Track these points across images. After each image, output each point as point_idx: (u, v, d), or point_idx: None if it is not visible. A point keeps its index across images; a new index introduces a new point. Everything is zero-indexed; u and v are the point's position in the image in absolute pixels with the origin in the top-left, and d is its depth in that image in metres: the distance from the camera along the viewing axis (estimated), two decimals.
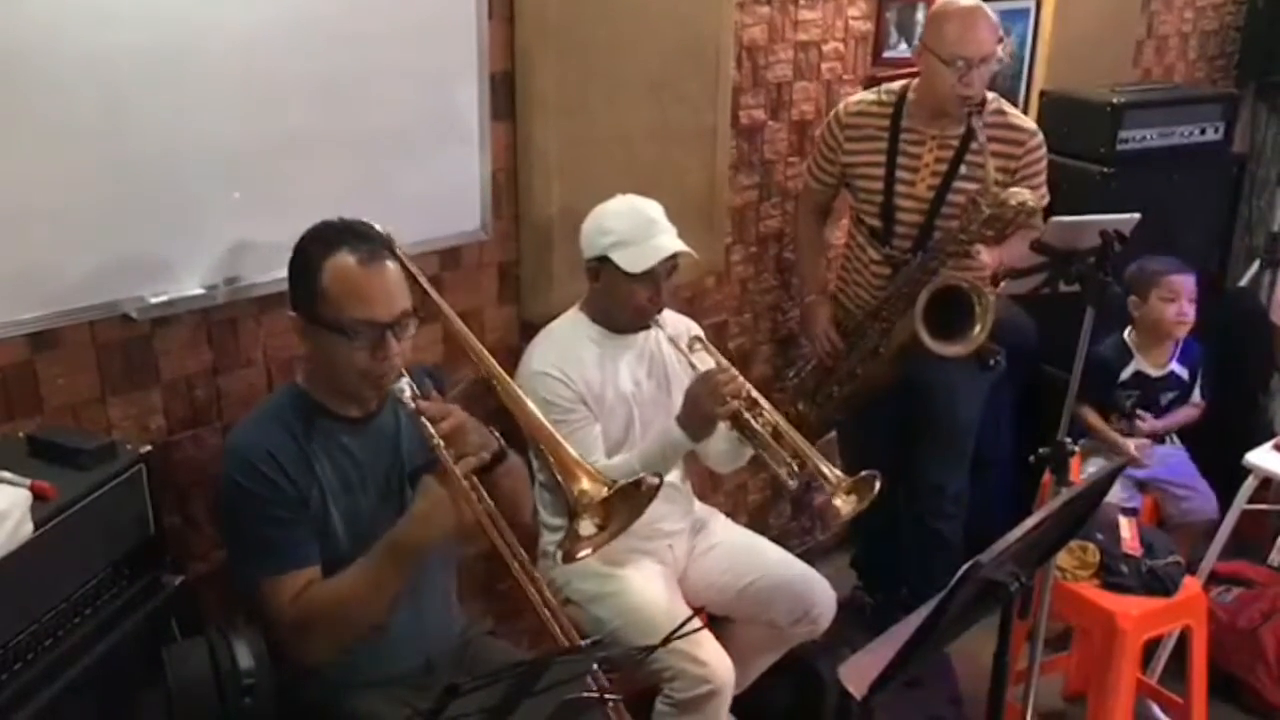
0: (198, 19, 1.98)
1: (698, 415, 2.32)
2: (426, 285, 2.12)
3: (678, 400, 2.46)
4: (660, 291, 2.39)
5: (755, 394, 2.39)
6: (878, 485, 2.34)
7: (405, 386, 1.86)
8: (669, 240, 2.37)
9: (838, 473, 2.37)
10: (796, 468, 2.36)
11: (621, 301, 2.40)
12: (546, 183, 2.60)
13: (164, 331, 2.10)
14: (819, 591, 2.61)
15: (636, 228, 2.36)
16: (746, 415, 2.35)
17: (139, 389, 2.10)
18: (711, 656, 2.36)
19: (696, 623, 1.90)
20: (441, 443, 1.84)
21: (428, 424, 1.84)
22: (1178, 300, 3.21)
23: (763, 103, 3.14)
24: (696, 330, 2.61)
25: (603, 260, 2.37)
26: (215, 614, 2.07)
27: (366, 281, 1.84)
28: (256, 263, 2.17)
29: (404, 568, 1.86)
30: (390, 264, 1.88)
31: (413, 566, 1.88)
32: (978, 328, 2.74)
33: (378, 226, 1.97)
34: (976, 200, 2.69)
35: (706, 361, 2.47)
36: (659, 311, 2.42)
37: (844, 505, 2.36)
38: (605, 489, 1.93)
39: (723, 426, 2.39)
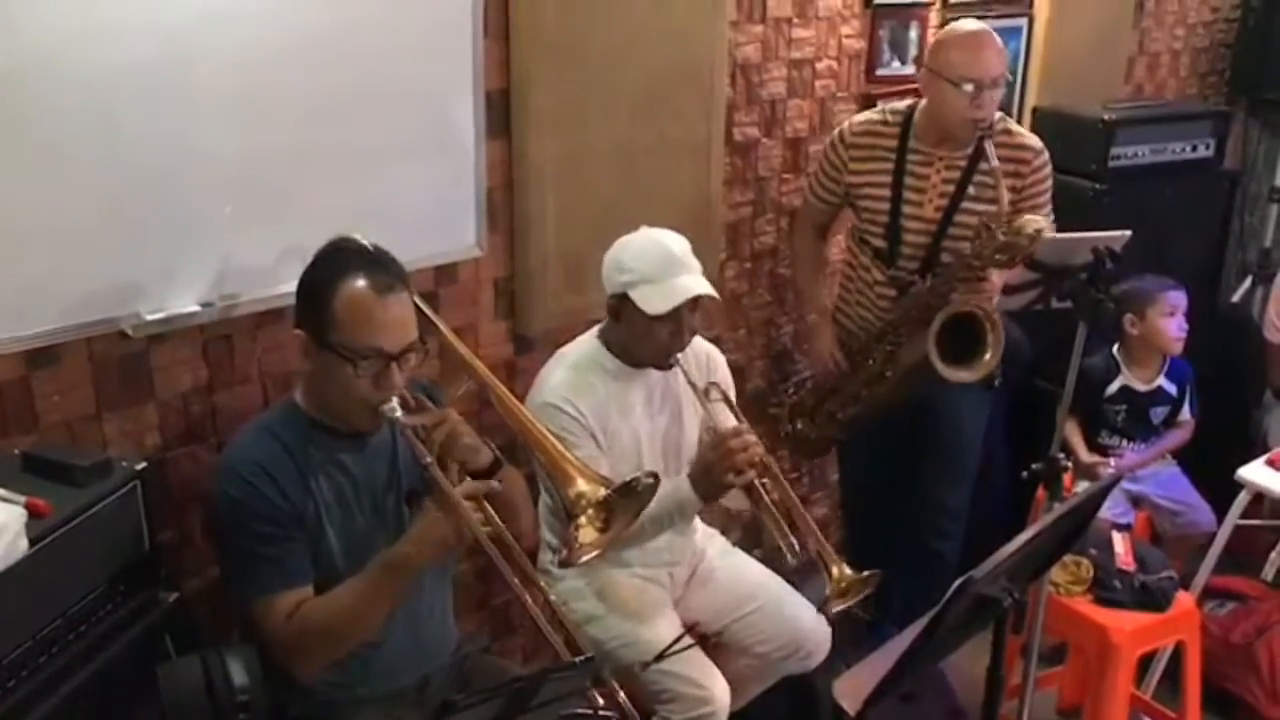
0: (194, 38, 1.99)
1: (709, 480, 2.24)
2: (438, 321, 2.14)
3: (690, 434, 2.43)
4: (683, 330, 2.29)
5: (770, 462, 2.31)
6: (874, 586, 2.28)
7: (396, 405, 1.86)
8: (691, 281, 2.26)
9: (846, 570, 2.28)
10: (798, 547, 2.27)
11: (643, 340, 2.32)
12: (541, 198, 2.62)
13: (160, 348, 2.11)
14: (812, 627, 2.55)
15: (657, 266, 2.26)
16: (758, 488, 2.27)
17: (135, 405, 2.10)
18: (712, 680, 2.34)
19: (689, 641, 1.90)
20: (434, 461, 1.84)
21: (420, 443, 1.85)
22: (1176, 315, 3.23)
23: (756, 120, 3.15)
24: (716, 355, 2.55)
25: (623, 298, 2.28)
26: (210, 630, 2.07)
27: (379, 310, 1.83)
28: (252, 279, 2.17)
29: (399, 586, 1.87)
30: (403, 295, 1.87)
31: (407, 585, 1.88)
32: (989, 354, 2.70)
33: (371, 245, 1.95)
34: (990, 226, 2.66)
35: (724, 414, 2.40)
36: (681, 349, 2.33)
37: (835, 602, 2.29)
38: (603, 489, 1.94)
39: None
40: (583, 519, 1.94)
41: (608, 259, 2.32)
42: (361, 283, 1.82)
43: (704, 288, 2.27)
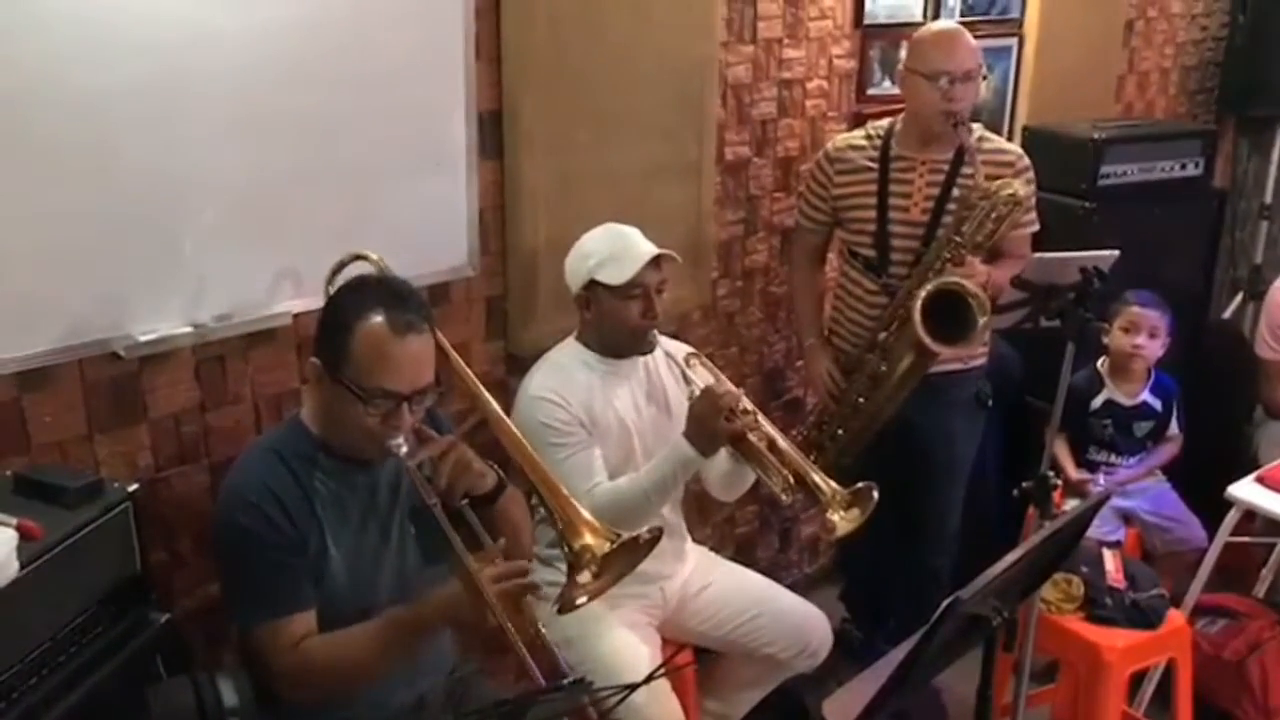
0: (188, 60, 2.01)
1: (704, 431, 2.31)
2: (457, 360, 2.16)
3: (678, 425, 2.46)
4: (654, 304, 2.38)
5: (751, 406, 2.37)
6: (875, 496, 2.32)
7: (403, 443, 1.86)
8: (648, 246, 2.39)
9: (833, 485, 2.35)
10: (793, 481, 2.33)
11: (617, 323, 2.39)
12: (534, 219, 2.63)
13: (152, 369, 2.11)
14: (816, 624, 2.63)
15: (615, 244, 2.39)
16: (746, 438, 2.33)
17: (127, 426, 2.10)
18: (661, 711, 2.34)
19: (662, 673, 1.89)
20: (438, 502, 1.84)
21: (425, 484, 1.85)
22: (1135, 332, 3.24)
23: (747, 139, 3.17)
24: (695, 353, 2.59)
25: (590, 286, 2.39)
26: (201, 651, 2.07)
27: (396, 351, 1.82)
28: (245, 300, 2.18)
29: (408, 645, 1.88)
30: (423, 335, 1.86)
31: (417, 645, 1.89)
32: (981, 320, 2.67)
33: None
34: (968, 197, 2.71)
35: (705, 378, 2.46)
36: (655, 325, 2.41)
37: (840, 521, 2.33)
38: (609, 544, 1.94)
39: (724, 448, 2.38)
40: (586, 570, 1.96)
41: (569, 258, 2.45)
42: (380, 319, 1.82)
43: (661, 249, 2.38)
